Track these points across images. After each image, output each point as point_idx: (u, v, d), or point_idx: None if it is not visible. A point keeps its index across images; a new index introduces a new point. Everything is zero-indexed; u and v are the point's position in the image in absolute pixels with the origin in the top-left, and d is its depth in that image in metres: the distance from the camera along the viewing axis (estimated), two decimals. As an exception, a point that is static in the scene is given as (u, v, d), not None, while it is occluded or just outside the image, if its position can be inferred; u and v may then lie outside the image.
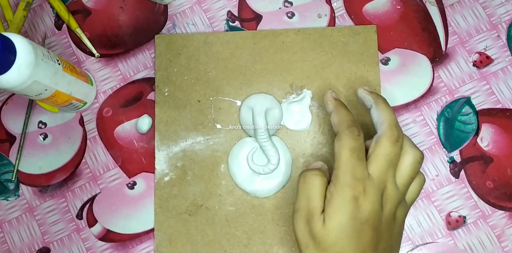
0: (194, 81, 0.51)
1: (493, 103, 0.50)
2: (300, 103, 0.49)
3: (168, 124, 0.50)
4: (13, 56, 0.39)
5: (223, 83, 0.50)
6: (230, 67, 0.51)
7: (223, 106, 0.50)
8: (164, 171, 0.50)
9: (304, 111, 0.49)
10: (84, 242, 0.50)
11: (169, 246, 0.48)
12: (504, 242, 0.48)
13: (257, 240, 0.48)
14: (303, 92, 0.49)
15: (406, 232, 0.48)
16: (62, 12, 0.53)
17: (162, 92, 0.51)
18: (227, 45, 0.51)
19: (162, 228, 0.49)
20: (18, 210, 0.51)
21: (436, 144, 0.49)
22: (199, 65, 0.51)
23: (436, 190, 0.49)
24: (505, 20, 0.51)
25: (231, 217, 0.48)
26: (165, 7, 0.53)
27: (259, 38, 0.51)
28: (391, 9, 0.52)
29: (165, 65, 0.51)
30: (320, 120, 0.49)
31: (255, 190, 0.48)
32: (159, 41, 0.52)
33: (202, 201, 0.49)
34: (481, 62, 0.50)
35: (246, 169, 0.48)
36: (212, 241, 0.48)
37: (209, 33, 0.52)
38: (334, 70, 0.50)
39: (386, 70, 0.51)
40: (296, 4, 0.52)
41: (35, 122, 0.52)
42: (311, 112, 0.49)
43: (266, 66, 0.50)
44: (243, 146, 0.49)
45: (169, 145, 0.50)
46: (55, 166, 0.51)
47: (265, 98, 0.49)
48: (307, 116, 0.49)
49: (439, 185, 0.49)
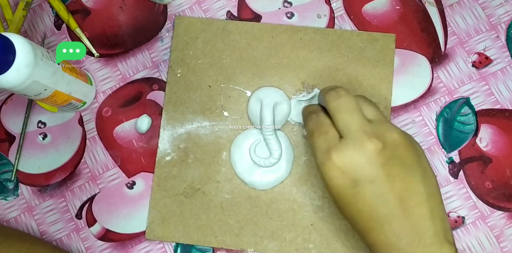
0: (207, 66, 0.51)
1: (492, 103, 0.50)
2: (309, 102, 0.49)
3: (177, 105, 0.50)
4: (12, 56, 0.39)
5: (236, 72, 0.51)
6: (245, 57, 0.51)
7: (233, 95, 0.50)
8: (166, 151, 0.50)
9: None
10: (84, 242, 0.50)
11: (162, 224, 0.49)
12: (503, 243, 0.48)
13: (249, 231, 0.48)
14: (314, 91, 0.49)
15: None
16: (61, 12, 0.53)
17: (175, 73, 0.51)
18: (245, 35, 0.51)
19: (157, 206, 0.49)
20: (17, 209, 0.51)
21: (435, 144, 0.49)
22: (214, 51, 0.51)
23: (435, 190, 0.49)
24: (504, 21, 0.51)
25: (226, 204, 0.49)
26: (165, 7, 0.53)
27: (278, 32, 0.51)
28: (391, 9, 0.52)
29: (181, 47, 0.51)
30: None
31: (253, 181, 0.48)
32: (179, 22, 0.52)
33: (199, 185, 0.49)
34: (480, 63, 0.50)
35: (247, 159, 0.49)
36: (204, 226, 0.48)
37: (229, 20, 0.52)
38: (348, 73, 0.50)
39: (385, 70, 0.51)
40: (296, 4, 0.52)
41: (35, 122, 0.52)
42: None
43: (280, 61, 0.51)
44: (247, 136, 0.49)
45: (175, 126, 0.50)
46: (55, 166, 0.51)
47: (275, 92, 0.49)
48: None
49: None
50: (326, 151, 0.39)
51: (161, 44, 0.53)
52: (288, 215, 0.48)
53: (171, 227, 0.49)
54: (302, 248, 0.47)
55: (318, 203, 0.48)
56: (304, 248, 0.47)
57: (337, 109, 0.40)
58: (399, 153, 0.38)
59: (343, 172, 0.38)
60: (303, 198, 0.48)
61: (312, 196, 0.48)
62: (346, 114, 0.39)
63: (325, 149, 0.39)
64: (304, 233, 0.48)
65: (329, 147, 0.39)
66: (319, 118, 0.41)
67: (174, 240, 0.49)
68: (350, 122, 0.39)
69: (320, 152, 0.39)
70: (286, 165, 0.49)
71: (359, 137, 0.38)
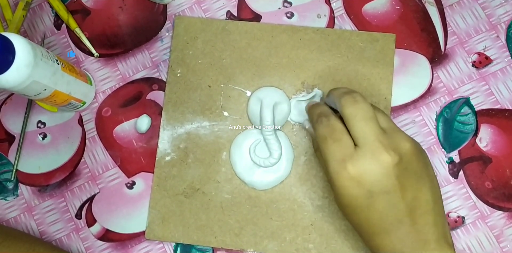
0: (207, 66, 0.51)
1: (492, 103, 0.50)
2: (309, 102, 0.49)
3: (177, 105, 0.50)
4: (12, 56, 0.39)
5: (236, 72, 0.51)
6: (244, 57, 0.51)
7: (233, 95, 0.50)
8: (166, 151, 0.50)
9: None
10: (83, 242, 0.50)
11: (161, 224, 0.49)
12: (503, 243, 0.48)
13: (249, 231, 0.48)
14: (314, 91, 0.49)
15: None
16: (61, 11, 0.53)
17: (175, 73, 0.51)
18: (245, 35, 0.51)
19: (157, 206, 0.49)
20: (17, 209, 0.51)
21: (435, 144, 0.49)
22: (214, 51, 0.51)
23: (435, 190, 0.49)
24: (504, 21, 0.51)
25: (226, 204, 0.49)
26: (165, 7, 0.53)
27: (278, 32, 0.51)
28: (390, 9, 0.52)
29: (181, 47, 0.51)
30: None
31: (253, 181, 0.48)
32: (178, 22, 0.52)
33: (199, 185, 0.49)
34: (480, 63, 0.50)
35: (247, 159, 0.49)
36: (204, 226, 0.48)
37: (228, 20, 0.52)
38: (348, 73, 0.50)
39: (385, 70, 0.51)
40: (296, 4, 0.52)
41: (34, 122, 0.52)
42: None
43: (280, 61, 0.51)
44: (247, 136, 0.49)
45: (175, 126, 0.50)
46: (54, 166, 0.51)
47: (275, 92, 0.49)
48: None
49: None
50: (341, 160, 0.38)
51: (161, 44, 0.53)
52: (288, 215, 0.48)
53: (171, 227, 0.49)
54: (302, 248, 0.47)
55: (318, 203, 0.48)
56: (304, 248, 0.47)
57: (354, 116, 0.39)
58: (412, 164, 0.38)
59: (358, 182, 0.38)
60: (303, 198, 0.48)
61: (312, 196, 0.48)
62: (363, 122, 0.38)
63: (339, 158, 0.38)
64: (304, 233, 0.48)
65: (344, 156, 0.38)
66: (331, 122, 0.40)
67: (174, 240, 0.49)
68: (367, 131, 0.38)
69: (333, 160, 0.38)
70: (286, 165, 0.49)
71: (376, 148, 0.37)
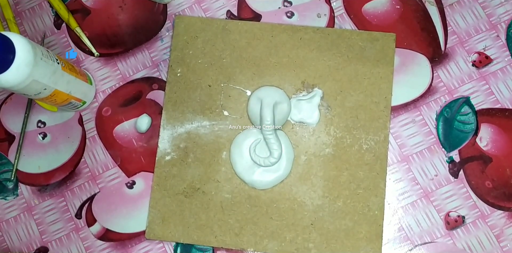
0: (207, 65, 0.51)
1: (492, 103, 0.50)
2: (310, 101, 0.49)
3: (177, 105, 0.50)
4: (12, 55, 0.39)
5: (236, 71, 0.51)
6: (245, 56, 0.51)
7: (233, 94, 0.50)
8: (166, 150, 0.50)
9: (312, 110, 0.49)
10: (83, 242, 0.50)
11: (162, 224, 0.49)
12: (503, 242, 0.48)
13: (249, 231, 0.48)
14: (314, 91, 0.49)
15: (405, 231, 0.48)
16: (61, 11, 0.53)
17: (175, 72, 0.51)
18: (245, 34, 0.51)
19: (157, 205, 0.49)
20: (17, 209, 0.51)
21: (435, 144, 0.49)
22: (214, 50, 0.51)
23: (435, 190, 0.49)
24: (505, 20, 0.51)
25: (226, 204, 0.49)
26: (165, 6, 0.53)
27: (278, 32, 0.51)
28: (391, 9, 0.52)
29: (181, 46, 0.51)
30: (327, 121, 0.49)
31: (253, 181, 0.48)
32: (178, 21, 0.52)
33: (199, 185, 0.49)
34: (480, 62, 0.50)
35: (247, 159, 0.49)
36: (204, 225, 0.48)
37: (228, 20, 0.52)
38: (348, 73, 0.50)
39: (385, 70, 0.51)
40: (296, 4, 0.52)
41: (34, 121, 0.52)
42: (319, 111, 0.49)
43: (280, 60, 0.51)
44: (247, 136, 0.49)
45: (175, 125, 0.50)
46: (54, 166, 0.51)
47: (275, 92, 0.49)
48: (315, 114, 0.49)
49: (438, 185, 0.49)
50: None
51: (161, 44, 0.53)
52: (288, 214, 0.48)
53: (171, 227, 0.49)
54: (302, 247, 0.47)
55: (318, 202, 0.48)
56: (304, 248, 0.47)
57: None
58: None
59: None
60: (303, 197, 0.48)
61: (312, 195, 0.48)
62: None
63: None
64: (304, 233, 0.48)
65: None
66: None
67: (174, 240, 0.48)
68: None
69: None
70: (286, 165, 0.49)
71: None
